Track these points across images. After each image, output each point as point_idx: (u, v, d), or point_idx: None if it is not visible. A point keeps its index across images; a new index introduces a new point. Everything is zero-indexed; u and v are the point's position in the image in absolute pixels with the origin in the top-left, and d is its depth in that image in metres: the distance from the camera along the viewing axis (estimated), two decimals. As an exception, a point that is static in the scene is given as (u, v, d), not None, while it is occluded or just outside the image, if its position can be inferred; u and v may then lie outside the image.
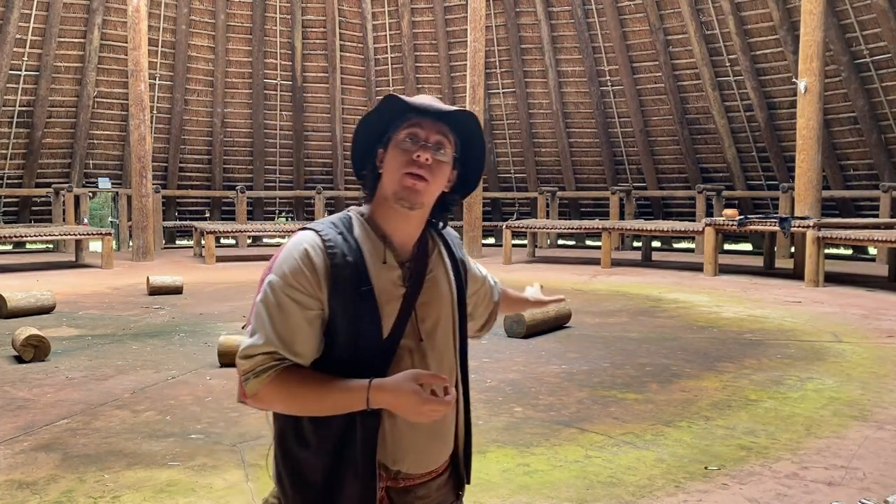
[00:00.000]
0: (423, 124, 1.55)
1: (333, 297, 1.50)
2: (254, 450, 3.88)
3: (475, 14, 13.28)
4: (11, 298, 7.75)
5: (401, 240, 1.59)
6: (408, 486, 1.58)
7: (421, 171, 1.52)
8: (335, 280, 1.49)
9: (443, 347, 1.61)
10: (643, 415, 4.51)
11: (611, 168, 16.50)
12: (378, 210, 1.59)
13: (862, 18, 12.96)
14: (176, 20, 16.08)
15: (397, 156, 1.54)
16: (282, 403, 1.53)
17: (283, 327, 1.49)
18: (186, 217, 17.09)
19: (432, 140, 1.54)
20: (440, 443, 1.62)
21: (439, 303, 1.61)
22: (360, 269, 1.51)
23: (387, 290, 1.54)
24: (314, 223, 1.59)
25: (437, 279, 1.62)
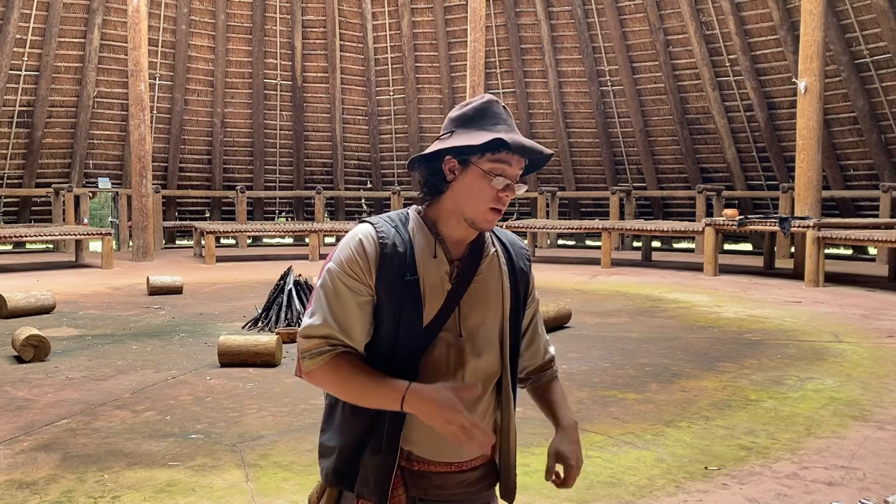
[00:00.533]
0: (512, 162, 1.59)
1: (381, 284, 1.59)
2: (254, 450, 3.88)
3: (475, 14, 13.29)
4: (11, 298, 7.75)
5: (455, 239, 1.65)
6: (422, 470, 1.62)
7: (503, 207, 1.61)
8: (384, 267, 1.58)
9: (483, 348, 1.65)
10: (643, 415, 4.51)
11: (611, 168, 16.50)
12: (438, 211, 1.64)
13: (862, 18, 12.96)
14: (176, 20, 16.08)
15: (484, 189, 1.58)
16: (331, 387, 1.62)
17: (339, 312, 1.59)
18: (186, 217, 17.09)
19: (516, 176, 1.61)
20: None
21: (485, 304, 1.65)
22: (409, 260, 1.59)
23: (433, 282, 1.61)
24: (372, 217, 1.68)
25: (487, 282, 1.66)
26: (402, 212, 1.70)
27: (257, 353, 5.66)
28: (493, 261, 1.69)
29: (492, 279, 1.67)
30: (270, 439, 4.04)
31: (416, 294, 1.59)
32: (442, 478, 1.64)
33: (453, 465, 1.64)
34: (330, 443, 1.66)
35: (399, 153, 17.93)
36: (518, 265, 1.74)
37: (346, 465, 1.62)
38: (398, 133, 17.85)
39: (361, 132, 17.90)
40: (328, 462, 1.65)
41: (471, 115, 1.62)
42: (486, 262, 1.68)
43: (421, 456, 1.62)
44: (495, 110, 1.62)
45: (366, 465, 1.60)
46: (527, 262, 1.78)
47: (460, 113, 1.64)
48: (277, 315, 7.11)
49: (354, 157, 17.97)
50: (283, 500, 3.28)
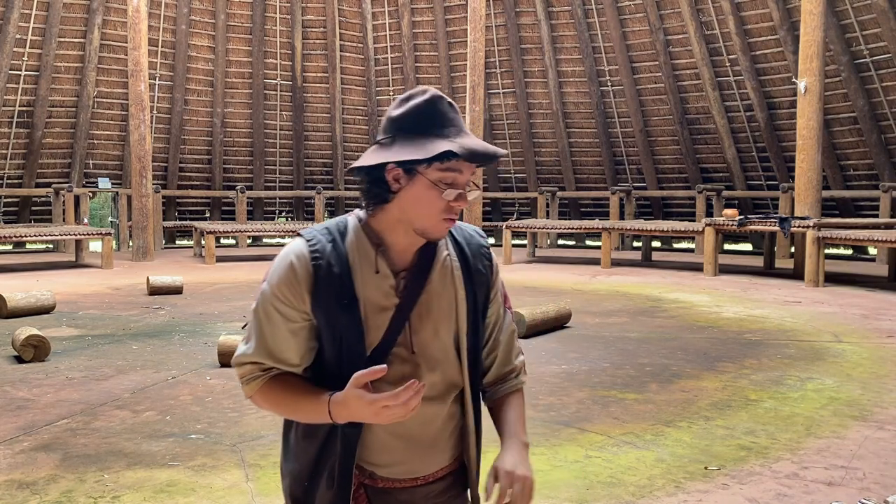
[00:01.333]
0: (462, 169, 1.47)
1: (316, 308, 1.50)
2: (254, 450, 3.88)
3: (475, 14, 13.29)
4: (11, 298, 7.75)
5: (400, 249, 1.54)
6: (387, 487, 1.57)
7: (456, 216, 1.51)
8: (318, 291, 1.48)
9: (438, 362, 1.55)
10: (643, 415, 4.51)
11: (611, 168, 16.50)
12: (383, 220, 1.52)
13: (862, 18, 12.96)
14: (176, 20, 16.08)
15: (434, 200, 1.46)
16: (271, 409, 1.58)
17: (271, 337, 1.52)
18: (186, 217, 17.09)
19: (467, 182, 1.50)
20: (423, 451, 1.57)
21: (437, 316, 1.55)
22: (345, 280, 1.49)
23: (376, 301, 1.51)
24: (308, 229, 1.57)
25: (438, 292, 1.56)
26: (341, 220, 1.57)
27: (257, 353, 5.65)
28: (445, 267, 1.57)
29: (443, 288, 1.56)
30: (270, 439, 4.04)
31: (355, 319, 1.49)
32: (408, 493, 1.57)
33: (419, 479, 1.58)
34: (286, 465, 1.61)
35: (399, 153, 17.89)
36: (475, 266, 1.60)
37: (302, 494, 1.57)
38: (398, 133, 17.82)
39: (361, 132, 17.90)
40: (285, 485, 1.61)
41: (413, 117, 1.47)
42: (437, 270, 1.56)
43: (385, 476, 1.56)
44: (440, 109, 1.48)
45: (320, 499, 1.54)
46: (486, 261, 1.64)
47: (401, 113, 1.48)
48: (277, 315, 7.10)
49: (354, 157, 17.94)
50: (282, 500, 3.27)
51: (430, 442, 1.58)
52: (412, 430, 1.54)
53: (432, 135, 1.45)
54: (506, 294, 1.72)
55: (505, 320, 1.69)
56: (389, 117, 1.50)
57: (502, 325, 1.68)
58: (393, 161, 1.44)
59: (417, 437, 1.55)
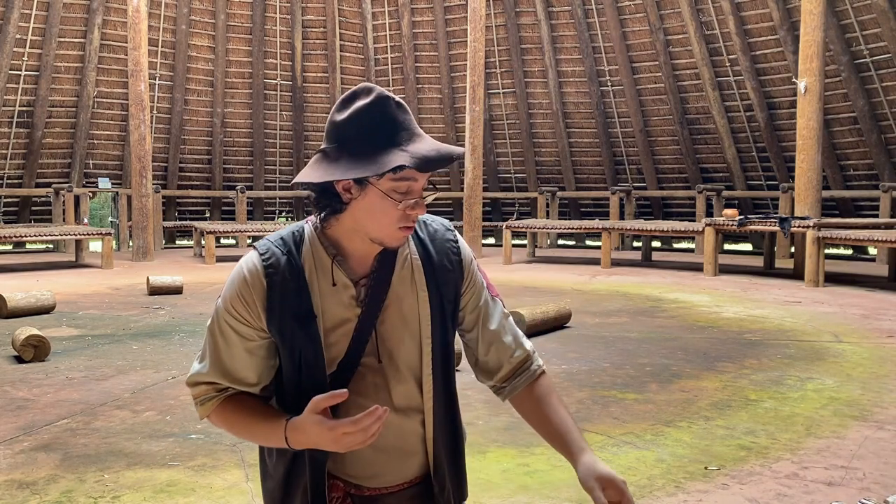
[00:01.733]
0: (417, 177, 1.38)
1: (272, 325, 1.43)
2: (254, 450, 3.85)
3: (475, 14, 13.29)
4: (11, 298, 7.75)
5: (359, 256, 1.47)
6: (374, 494, 1.53)
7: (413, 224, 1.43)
8: (273, 307, 1.42)
9: (408, 367, 1.50)
10: (643, 415, 4.51)
11: (611, 168, 16.49)
12: (337, 229, 1.45)
13: (862, 18, 12.96)
14: (176, 20, 16.08)
15: (388, 210, 1.38)
16: (227, 430, 1.53)
17: (227, 357, 1.46)
18: (186, 217, 17.09)
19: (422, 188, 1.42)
20: (402, 460, 1.54)
21: (402, 322, 1.49)
22: (302, 295, 1.42)
23: (336, 314, 1.45)
24: (262, 241, 1.49)
25: (400, 295, 1.48)
26: (297, 228, 1.50)
27: (257, 353, 5.65)
28: (406, 269, 1.49)
29: (405, 291, 1.49)
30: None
31: (314, 335, 1.42)
32: (395, 497, 1.54)
33: (404, 484, 1.54)
34: (263, 484, 1.57)
35: (399, 153, 17.89)
36: (439, 263, 1.52)
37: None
38: (398, 133, 17.82)
39: (361, 132, 17.87)
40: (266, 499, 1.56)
41: (359, 124, 1.37)
42: (398, 273, 1.48)
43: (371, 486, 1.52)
44: (388, 114, 1.37)
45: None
46: (454, 255, 1.54)
47: (345, 118, 1.38)
48: (277, 315, 7.10)
49: (354, 157, 17.93)
50: (283, 500, 3.27)
51: (411, 451, 1.54)
52: (391, 442, 1.50)
53: (381, 144, 1.35)
54: (489, 284, 1.62)
55: (494, 309, 1.60)
56: (333, 122, 1.41)
57: (490, 315, 1.59)
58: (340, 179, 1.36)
59: (397, 449, 1.52)
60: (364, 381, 1.47)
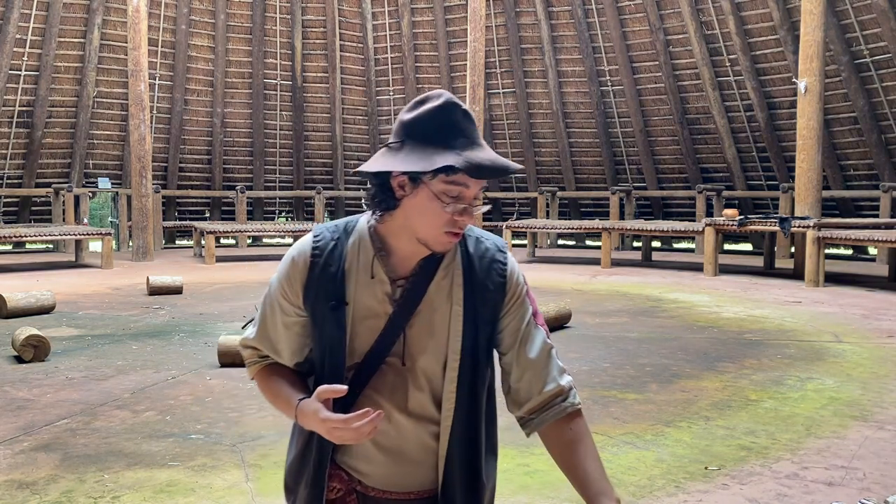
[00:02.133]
0: (470, 184, 1.41)
1: (307, 304, 1.52)
2: (254, 450, 3.88)
3: (475, 14, 13.29)
4: (11, 298, 7.75)
5: (403, 256, 1.49)
6: (378, 497, 1.54)
7: (460, 231, 1.45)
8: (310, 289, 1.50)
9: (427, 377, 1.50)
10: (643, 415, 4.51)
11: (611, 168, 16.50)
12: (388, 225, 1.48)
13: (862, 18, 12.96)
14: (176, 20, 16.08)
15: (437, 211, 1.40)
16: (263, 395, 1.62)
17: (271, 328, 1.57)
18: (186, 217, 17.09)
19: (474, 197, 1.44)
20: (410, 467, 1.52)
21: (430, 330, 1.49)
22: (338, 281, 1.48)
23: (367, 306, 1.48)
24: (319, 225, 1.59)
25: (434, 304, 1.49)
26: (352, 220, 1.55)
27: (257, 353, 5.65)
28: (446, 279, 1.50)
29: (439, 301, 1.49)
30: (270, 439, 4.04)
31: (340, 322, 1.47)
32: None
33: (411, 494, 1.53)
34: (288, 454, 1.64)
35: (399, 153, 17.90)
36: (481, 282, 1.51)
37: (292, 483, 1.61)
38: (398, 133, 17.82)
39: (361, 132, 17.90)
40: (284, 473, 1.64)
41: (423, 124, 1.41)
42: (437, 281, 1.49)
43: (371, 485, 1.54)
44: (453, 118, 1.41)
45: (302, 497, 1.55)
46: (499, 277, 1.53)
47: (412, 118, 1.43)
48: (277, 315, 7.10)
49: (354, 157, 17.96)
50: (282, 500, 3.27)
51: (417, 459, 1.52)
52: (395, 444, 1.51)
53: (441, 145, 1.39)
54: (536, 311, 1.60)
55: (535, 336, 1.56)
56: (401, 121, 1.45)
57: (530, 342, 1.55)
58: (396, 170, 1.41)
59: (401, 452, 1.52)
60: (384, 380, 1.50)
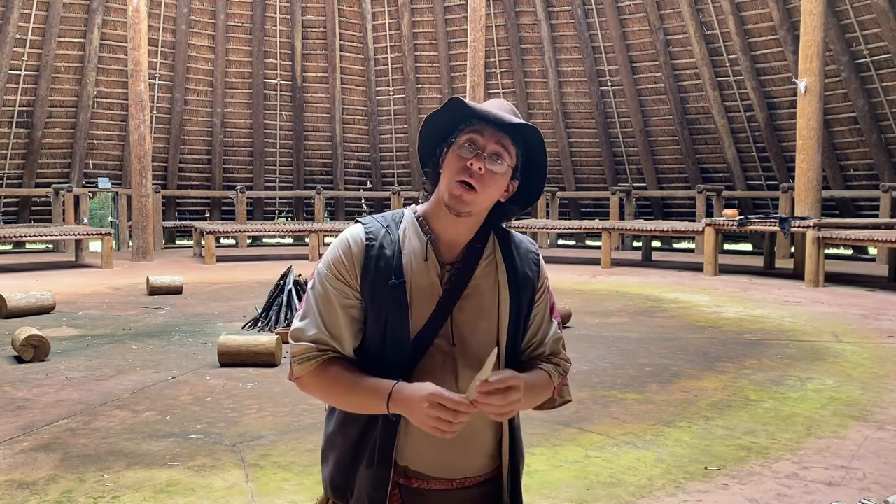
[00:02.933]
0: (483, 132, 1.53)
1: (365, 287, 1.53)
2: (254, 450, 3.88)
3: (475, 14, 13.29)
4: (11, 298, 7.75)
5: (449, 241, 1.57)
6: (421, 488, 1.55)
7: (472, 181, 1.51)
8: (368, 270, 1.53)
9: (476, 359, 1.54)
10: (643, 415, 4.51)
11: (611, 168, 16.50)
12: (432, 209, 1.59)
13: (862, 18, 12.96)
14: (176, 20, 16.08)
15: (454, 161, 1.53)
16: (320, 393, 1.58)
17: (328, 315, 1.54)
18: (186, 217, 17.09)
19: (489, 149, 1.52)
20: (458, 450, 1.55)
21: (479, 313, 1.56)
22: (396, 262, 1.53)
23: (422, 287, 1.54)
24: (365, 217, 1.63)
25: (481, 289, 1.57)
26: (398, 212, 1.64)
27: (257, 353, 5.66)
28: (490, 266, 1.59)
29: (486, 286, 1.57)
30: (270, 439, 4.04)
31: (402, 299, 1.52)
32: (442, 495, 1.55)
33: (454, 482, 1.56)
34: (327, 451, 1.62)
35: (399, 153, 17.93)
36: (522, 270, 1.62)
37: (342, 478, 1.58)
38: (398, 133, 17.85)
39: (361, 132, 17.90)
40: (325, 471, 1.62)
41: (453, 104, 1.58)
42: (482, 267, 1.58)
43: (419, 471, 1.54)
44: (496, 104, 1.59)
45: (360, 480, 1.54)
46: (534, 266, 1.64)
47: None
48: (277, 315, 7.11)
49: (354, 157, 17.97)
50: (282, 500, 3.28)
51: (465, 442, 1.56)
52: None
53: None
54: (553, 304, 1.69)
55: (550, 328, 1.67)
56: None
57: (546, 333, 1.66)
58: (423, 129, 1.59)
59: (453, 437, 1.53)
60: (433, 361, 1.53)
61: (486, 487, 1.60)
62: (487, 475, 1.60)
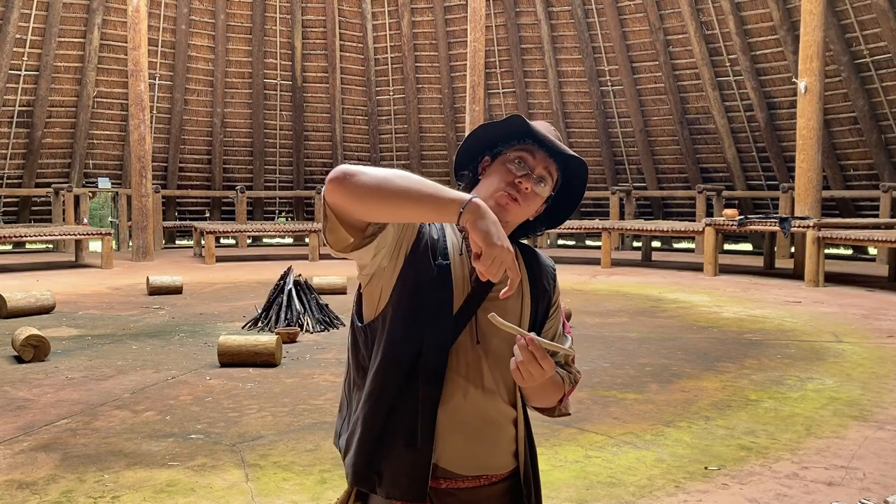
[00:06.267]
0: (535, 153, 1.59)
1: (411, 259, 1.52)
2: (254, 450, 3.88)
3: (475, 14, 13.29)
4: (11, 298, 7.75)
5: None
6: (450, 488, 1.55)
7: (517, 196, 1.57)
8: (418, 246, 1.53)
9: (499, 357, 1.58)
10: (643, 415, 4.51)
11: (611, 168, 16.50)
12: None
13: (862, 18, 12.96)
14: (176, 20, 16.08)
15: (502, 173, 1.58)
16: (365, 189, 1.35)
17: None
18: (186, 217, 17.09)
19: (538, 172, 1.59)
20: (485, 446, 1.57)
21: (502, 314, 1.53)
22: (442, 245, 1.57)
23: (459, 277, 1.57)
24: None
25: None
26: None
27: (257, 353, 5.66)
28: None
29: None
30: (270, 439, 4.04)
31: (448, 280, 1.53)
32: (472, 493, 1.56)
33: (482, 479, 1.57)
34: (350, 439, 1.57)
35: (399, 153, 17.93)
36: (541, 282, 1.69)
37: (364, 464, 1.53)
38: (398, 133, 17.85)
39: (361, 132, 17.90)
40: (349, 459, 1.56)
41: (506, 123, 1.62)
42: None
43: (447, 469, 1.54)
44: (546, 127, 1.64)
45: (398, 462, 1.50)
46: (551, 280, 1.73)
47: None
48: (277, 315, 7.11)
49: (354, 157, 17.96)
50: (282, 500, 3.28)
51: (492, 439, 1.58)
52: (470, 422, 1.54)
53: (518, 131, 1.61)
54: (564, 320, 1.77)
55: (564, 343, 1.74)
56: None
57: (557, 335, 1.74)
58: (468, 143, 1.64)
59: (476, 431, 1.56)
60: (457, 358, 1.54)
61: (509, 483, 1.62)
62: (511, 471, 1.62)
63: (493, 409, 1.57)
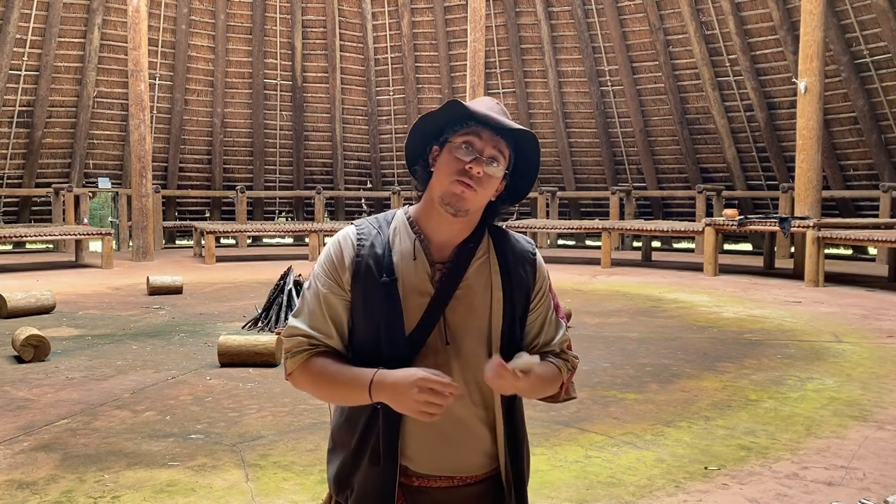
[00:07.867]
0: (481, 135, 1.55)
1: (355, 286, 1.56)
2: (254, 450, 3.88)
3: (475, 14, 13.29)
4: (11, 298, 7.75)
5: (440, 241, 1.59)
6: (422, 486, 1.56)
7: (471, 182, 1.53)
8: (358, 269, 1.56)
9: (471, 356, 1.56)
10: (643, 415, 4.51)
11: (611, 168, 16.50)
12: (423, 209, 1.61)
13: (862, 18, 12.96)
14: (176, 20, 16.08)
15: (450, 162, 1.54)
16: (309, 387, 1.59)
17: (320, 313, 1.58)
18: (186, 217, 17.09)
19: (487, 153, 1.55)
20: (454, 447, 1.57)
21: (470, 313, 1.57)
22: (386, 261, 1.55)
23: (413, 285, 1.55)
24: (358, 219, 1.67)
25: (474, 289, 1.58)
26: (391, 212, 1.67)
27: (257, 353, 5.66)
28: (483, 266, 1.60)
29: (479, 286, 1.58)
30: (270, 439, 4.04)
31: (394, 297, 1.53)
32: (444, 493, 1.57)
33: (456, 479, 1.57)
34: (332, 454, 1.63)
35: (399, 153, 17.92)
36: (515, 271, 1.61)
37: (346, 477, 1.58)
38: (398, 133, 17.86)
39: (361, 132, 17.90)
40: (331, 470, 1.62)
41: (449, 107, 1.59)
42: (475, 267, 1.59)
43: (419, 471, 1.56)
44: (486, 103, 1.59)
45: (364, 478, 1.54)
46: (529, 266, 1.65)
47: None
48: (277, 315, 7.11)
49: (354, 157, 17.97)
50: (282, 500, 3.28)
51: (461, 440, 1.58)
52: (443, 426, 1.54)
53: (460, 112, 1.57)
54: (557, 304, 1.70)
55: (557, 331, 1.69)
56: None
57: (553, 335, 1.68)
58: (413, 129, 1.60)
59: (450, 435, 1.56)
60: (426, 361, 1.54)
61: (488, 484, 1.61)
62: (488, 473, 1.61)
63: (463, 411, 1.56)
